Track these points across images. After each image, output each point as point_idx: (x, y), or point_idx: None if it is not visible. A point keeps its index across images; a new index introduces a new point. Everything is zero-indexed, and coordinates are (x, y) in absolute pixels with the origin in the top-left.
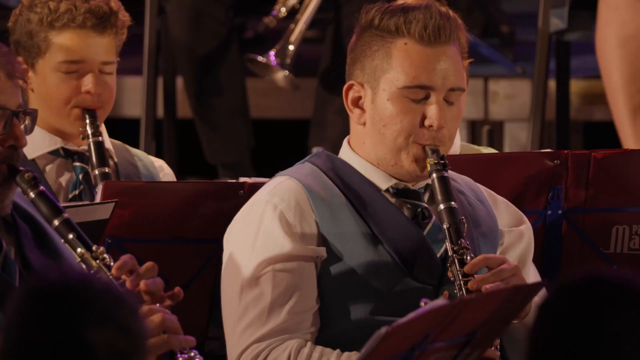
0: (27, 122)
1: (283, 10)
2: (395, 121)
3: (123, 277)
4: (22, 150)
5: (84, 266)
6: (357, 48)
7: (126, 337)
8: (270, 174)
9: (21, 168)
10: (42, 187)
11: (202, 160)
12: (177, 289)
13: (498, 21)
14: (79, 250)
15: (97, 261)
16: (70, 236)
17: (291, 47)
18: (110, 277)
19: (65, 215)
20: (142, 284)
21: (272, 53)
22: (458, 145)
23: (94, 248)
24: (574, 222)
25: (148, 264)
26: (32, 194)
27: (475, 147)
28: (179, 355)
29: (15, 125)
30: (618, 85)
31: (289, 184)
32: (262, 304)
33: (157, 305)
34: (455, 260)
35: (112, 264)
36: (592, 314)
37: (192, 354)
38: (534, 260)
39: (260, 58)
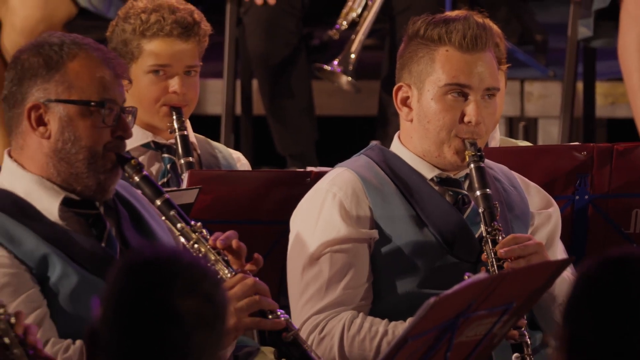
0: (129, 118)
1: (345, 23)
2: (438, 117)
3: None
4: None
5: (182, 239)
6: (405, 55)
7: (210, 306)
8: (332, 164)
9: (126, 156)
10: (145, 172)
11: (273, 152)
12: (256, 255)
13: (532, 30)
14: (178, 225)
15: (196, 234)
16: (172, 213)
17: (352, 56)
18: (208, 246)
19: (166, 195)
20: (234, 243)
21: (335, 62)
22: (498, 139)
23: (192, 223)
24: (598, 206)
25: (230, 231)
26: (137, 178)
27: (513, 140)
28: (269, 315)
29: (123, 118)
30: (637, 86)
31: (347, 175)
32: (321, 280)
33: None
34: (489, 240)
35: (208, 236)
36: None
37: (279, 313)
38: (564, 240)
39: (326, 67)
